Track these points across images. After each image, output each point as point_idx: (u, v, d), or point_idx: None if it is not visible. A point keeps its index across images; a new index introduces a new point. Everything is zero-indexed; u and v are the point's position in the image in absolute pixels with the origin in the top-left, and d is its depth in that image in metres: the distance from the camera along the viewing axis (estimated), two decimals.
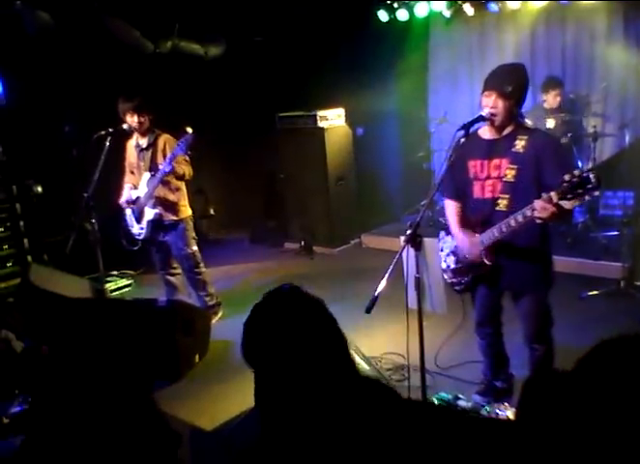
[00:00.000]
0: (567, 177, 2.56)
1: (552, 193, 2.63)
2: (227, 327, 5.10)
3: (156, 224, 4.87)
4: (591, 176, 2.51)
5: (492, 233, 3.03)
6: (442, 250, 3.35)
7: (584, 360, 1.07)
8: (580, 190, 2.55)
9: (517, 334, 3.41)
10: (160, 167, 4.66)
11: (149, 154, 4.84)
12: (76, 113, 6.09)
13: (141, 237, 4.93)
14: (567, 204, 2.63)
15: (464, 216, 3.29)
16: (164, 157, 4.74)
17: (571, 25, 6.73)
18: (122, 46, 6.46)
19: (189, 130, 4.48)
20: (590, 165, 6.13)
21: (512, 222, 2.90)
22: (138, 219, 4.92)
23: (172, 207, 4.89)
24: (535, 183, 2.96)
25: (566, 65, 6.80)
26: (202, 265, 5.14)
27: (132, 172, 4.99)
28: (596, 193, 2.57)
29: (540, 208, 2.70)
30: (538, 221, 2.77)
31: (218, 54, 7.43)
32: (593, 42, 6.64)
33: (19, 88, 5.66)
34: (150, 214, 4.82)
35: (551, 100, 6.08)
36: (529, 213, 2.78)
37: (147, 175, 4.81)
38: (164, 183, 4.75)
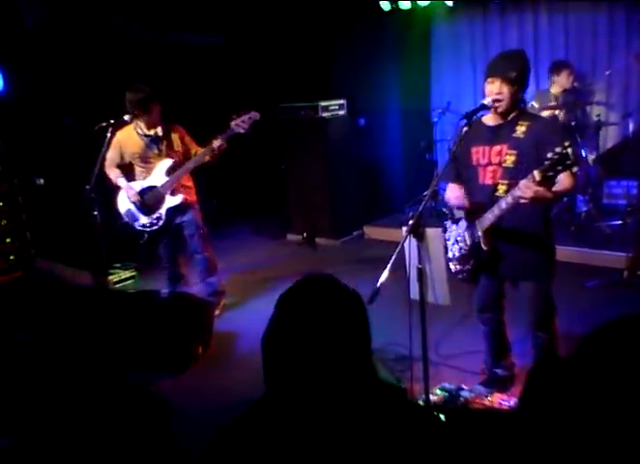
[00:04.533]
0: (549, 155, 2.59)
1: (535, 172, 2.65)
2: (230, 318, 5.11)
3: (175, 208, 4.87)
4: (569, 152, 2.53)
5: (487, 216, 3.04)
6: (448, 239, 3.34)
7: (584, 344, 1.06)
8: (560, 167, 2.58)
9: (519, 323, 3.41)
10: (178, 154, 4.77)
11: (165, 142, 4.81)
12: (77, 105, 6.08)
13: (155, 227, 4.88)
14: (547, 194, 2.70)
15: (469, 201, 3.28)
16: (183, 143, 4.83)
17: (574, 14, 6.69)
18: (122, 38, 6.44)
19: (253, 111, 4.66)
20: (594, 155, 6.12)
21: (503, 205, 2.91)
22: (150, 210, 4.85)
23: (189, 190, 5.01)
24: (534, 168, 2.94)
25: (569, 53, 6.75)
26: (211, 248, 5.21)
27: (122, 165, 4.92)
28: (575, 169, 2.61)
29: (524, 187, 2.72)
30: (523, 201, 2.78)
31: (219, 45, 7.39)
32: (596, 30, 6.60)
33: (19, 80, 5.64)
34: (174, 200, 4.82)
35: (564, 80, 6.02)
36: (517, 193, 2.79)
37: (168, 162, 4.79)
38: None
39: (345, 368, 1.33)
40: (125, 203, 4.90)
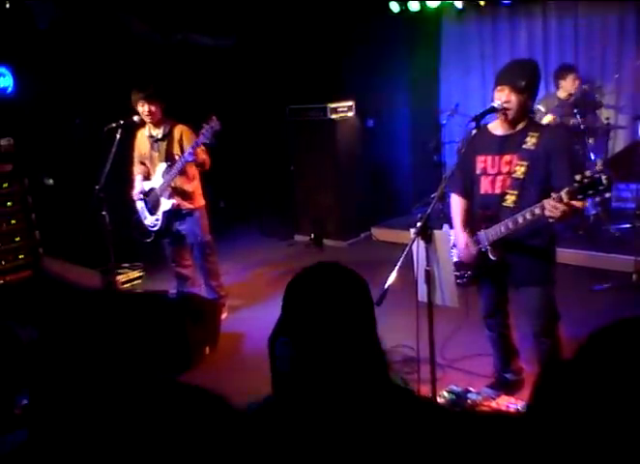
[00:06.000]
0: (577, 177, 2.59)
1: (562, 193, 2.65)
2: (237, 319, 5.11)
3: (172, 214, 4.85)
4: (603, 178, 2.53)
5: (498, 229, 3.04)
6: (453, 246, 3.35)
7: (585, 345, 1.06)
8: (591, 191, 2.58)
9: (527, 327, 3.39)
10: (177, 157, 4.66)
11: (164, 144, 4.80)
12: (87, 105, 6.11)
13: (156, 228, 4.91)
14: (577, 203, 2.66)
15: (470, 212, 3.29)
16: (181, 147, 4.73)
17: (583, 17, 6.68)
18: (133, 39, 6.46)
19: (215, 118, 4.42)
20: (603, 158, 6.09)
21: (520, 219, 2.91)
22: (152, 211, 4.90)
23: (189, 196, 4.88)
24: (544, 181, 2.96)
25: (578, 56, 6.74)
26: (215, 254, 5.16)
27: (143, 163, 4.99)
28: (607, 195, 2.64)
29: (551, 207, 2.71)
30: (551, 220, 2.79)
31: (229, 46, 7.41)
32: (605, 33, 6.59)
33: (31, 81, 5.67)
34: (167, 204, 4.79)
35: (569, 84, 6.01)
36: (537, 211, 2.80)
37: (163, 165, 4.77)
38: (181, 172, 4.73)
39: (353, 358, 1.33)
40: (140, 201, 4.98)
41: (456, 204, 3.39)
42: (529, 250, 3.12)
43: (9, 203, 5.33)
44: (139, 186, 4.96)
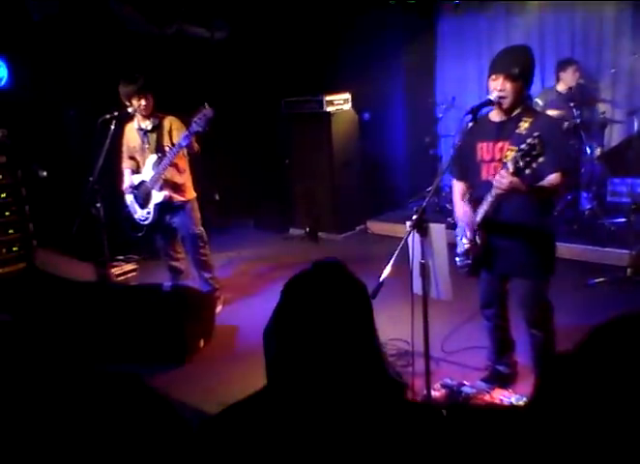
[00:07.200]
0: (522, 146, 2.64)
1: (509, 163, 2.71)
2: (232, 312, 5.11)
3: (164, 207, 4.82)
4: (536, 142, 2.59)
5: (480, 211, 3.07)
6: (457, 235, 3.35)
7: (588, 339, 1.05)
8: (528, 158, 2.62)
9: (522, 321, 3.40)
10: (167, 148, 4.62)
11: (154, 136, 4.76)
12: (82, 97, 6.07)
13: (147, 222, 4.87)
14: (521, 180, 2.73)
15: (472, 196, 3.28)
16: (171, 138, 4.70)
17: (580, 11, 6.67)
18: (126, 30, 6.42)
19: (207, 105, 4.37)
20: (599, 152, 6.10)
21: (489, 197, 2.95)
22: (143, 204, 4.87)
23: (179, 188, 4.84)
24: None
25: (574, 50, 6.73)
26: (208, 246, 5.14)
27: (132, 157, 4.93)
28: (541, 160, 2.63)
29: (499, 177, 2.77)
30: (499, 192, 2.82)
31: (223, 38, 7.38)
32: (601, 27, 6.58)
33: (25, 72, 5.63)
34: (158, 196, 4.76)
35: (569, 77, 6.02)
36: (496, 184, 2.83)
37: (153, 157, 4.73)
38: (172, 164, 4.70)
39: (348, 359, 1.32)
40: (129, 195, 4.93)
41: (457, 186, 3.41)
42: (517, 237, 3.12)
43: (2, 195, 5.30)
44: (129, 179, 4.90)
